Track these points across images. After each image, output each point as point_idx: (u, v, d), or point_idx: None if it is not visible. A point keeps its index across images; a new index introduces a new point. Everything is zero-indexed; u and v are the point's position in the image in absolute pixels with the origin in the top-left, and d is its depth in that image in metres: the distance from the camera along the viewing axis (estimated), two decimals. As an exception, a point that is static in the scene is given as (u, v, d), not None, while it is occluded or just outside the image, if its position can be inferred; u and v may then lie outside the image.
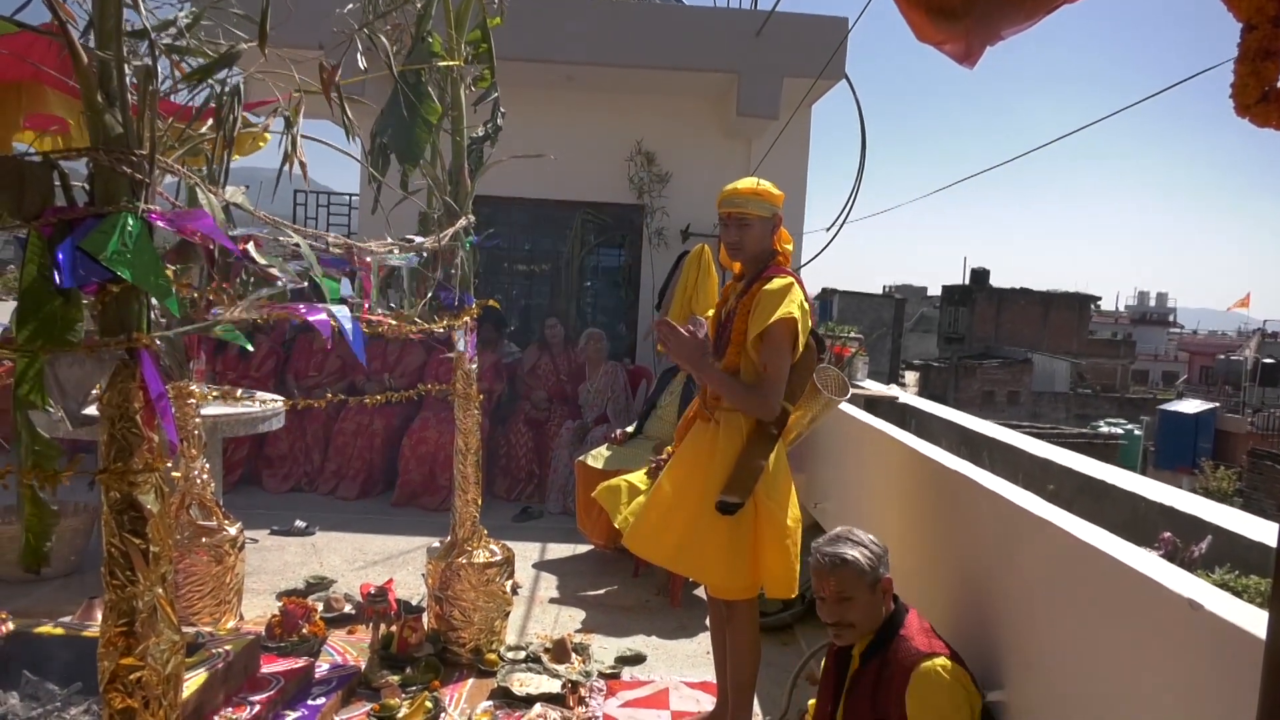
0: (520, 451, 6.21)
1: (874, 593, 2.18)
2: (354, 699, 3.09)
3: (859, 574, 2.16)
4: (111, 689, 1.39)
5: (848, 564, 2.16)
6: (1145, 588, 1.63)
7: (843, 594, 2.17)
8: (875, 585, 2.18)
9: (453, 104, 3.12)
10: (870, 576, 2.17)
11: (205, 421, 3.64)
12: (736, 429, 2.73)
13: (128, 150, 1.38)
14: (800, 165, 7.12)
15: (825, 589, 2.20)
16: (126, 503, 1.39)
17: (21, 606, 3.65)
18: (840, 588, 2.17)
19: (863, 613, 2.18)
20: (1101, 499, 2.56)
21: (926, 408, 4.44)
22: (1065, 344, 37.60)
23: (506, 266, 7.90)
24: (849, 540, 2.21)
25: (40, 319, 1.37)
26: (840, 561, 2.17)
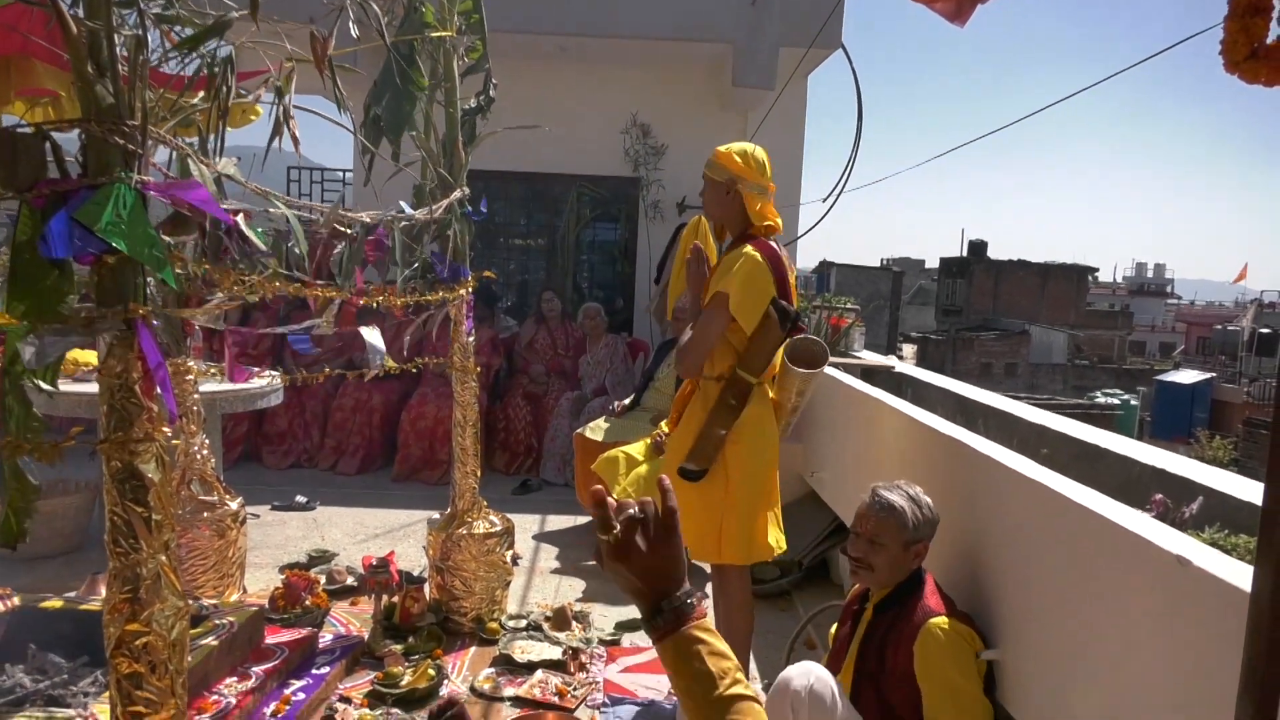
0: (519, 425, 6.23)
1: (906, 551, 2.21)
2: (358, 668, 3.13)
3: (899, 527, 2.19)
4: (118, 654, 1.41)
5: (893, 513, 2.20)
6: (1135, 546, 1.65)
7: (876, 538, 2.21)
8: (910, 545, 2.21)
9: (445, 76, 3.11)
10: (909, 535, 2.20)
11: (204, 398, 3.65)
12: (707, 399, 2.80)
13: (119, 121, 1.38)
14: (796, 136, 7.09)
15: (863, 526, 2.24)
16: (128, 472, 1.41)
17: (25, 583, 3.68)
18: (876, 531, 2.21)
19: (887, 564, 2.21)
20: (1095, 463, 2.59)
21: (923, 377, 4.46)
22: (1063, 316, 37.61)
23: (503, 241, 7.89)
24: (907, 494, 2.24)
25: (34, 292, 1.37)
26: (887, 508, 2.21)
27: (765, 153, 2.82)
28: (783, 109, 6.64)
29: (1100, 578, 1.77)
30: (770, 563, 4.15)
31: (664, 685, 3.13)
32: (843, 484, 3.87)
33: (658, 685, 3.13)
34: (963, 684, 2.07)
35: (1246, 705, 1.10)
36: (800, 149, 7.12)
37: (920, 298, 42.22)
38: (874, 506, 2.23)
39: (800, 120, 7.13)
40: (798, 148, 7.08)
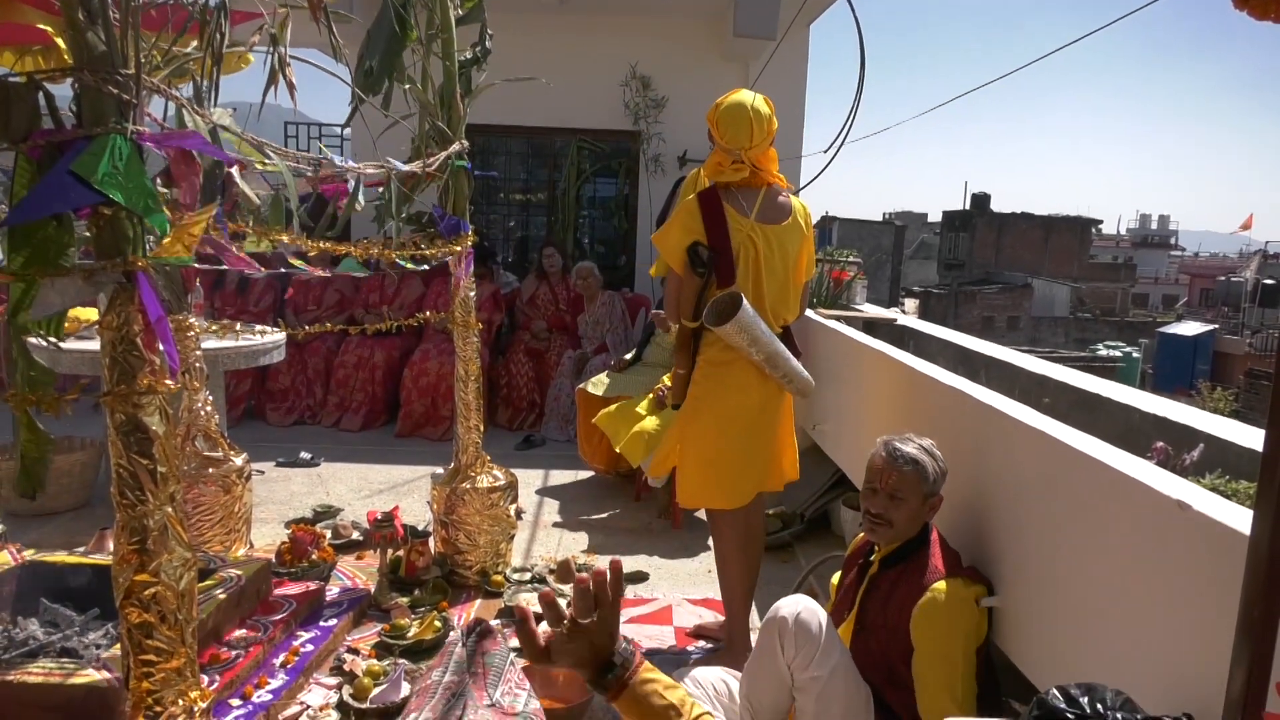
0: (521, 381, 6.24)
1: (924, 505, 2.19)
2: (365, 620, 3.17)
3: (921, 481, 2.16)
4: (127, 604, 1.43)
5: (918, 467, 2.16)
6: (1136, 491, 1.66)
7: (897, 493, 2.17)
8: (928, 499, 2.19)
9: (442, 27, 3.06)
10: (929, 488, 2.18)
11: (206, 355, 3.66)
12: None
13: (112, 70, 1.36)
14: (798, 87, 7.00)
15: (883, 482, 2.19)
16: (132, 424, 1.41)
17: (35, 538, 3.73)
18: (898, 486, 2.17)
19: (906, 518, 2.19)
20: (1096, 411, 2.59)
21: (925, 329, 4.46)
22: (1066, 268, 37.47)
23: (503, 197, 7.84)
24: (922, 447, 2.21)
25: (33, 245, 1.37)
26: (912, 463, 2.17)
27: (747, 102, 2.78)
28: (784, 59, 6.54)
29: (1101, 523, 1.79)
30: (772, 515, 4.21)
31: (668, 636, 3.18)
32: (844, 436, 3.89)
33: (661, 635, 3.18)
34: (956, 657, 2.07)
35: (1243, 647, 1.12)
36: (802, 100, 7.03)
37: (923, 252, 42.02)
38: (895, 461, 2.18)
39: (802, 71, 7.04)
40: (800, 99, 6.99)
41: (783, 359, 2.80)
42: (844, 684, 2.05)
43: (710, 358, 2.83)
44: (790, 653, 2.04)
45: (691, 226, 2.78)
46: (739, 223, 2.77)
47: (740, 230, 2.77)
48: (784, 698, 2.08)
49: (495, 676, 2.68)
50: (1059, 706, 1.34)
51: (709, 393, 2.84)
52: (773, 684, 2.09)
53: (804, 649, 2.04)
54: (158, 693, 1.45)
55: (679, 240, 2.80)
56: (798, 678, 2.04)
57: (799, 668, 2.04)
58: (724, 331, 2.69)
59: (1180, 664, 1.53)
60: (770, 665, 2.09)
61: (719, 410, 2.84)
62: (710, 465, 2.87)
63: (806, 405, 4.48)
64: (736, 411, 2.83)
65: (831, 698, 2.03)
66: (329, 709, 2.55)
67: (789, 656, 2.05)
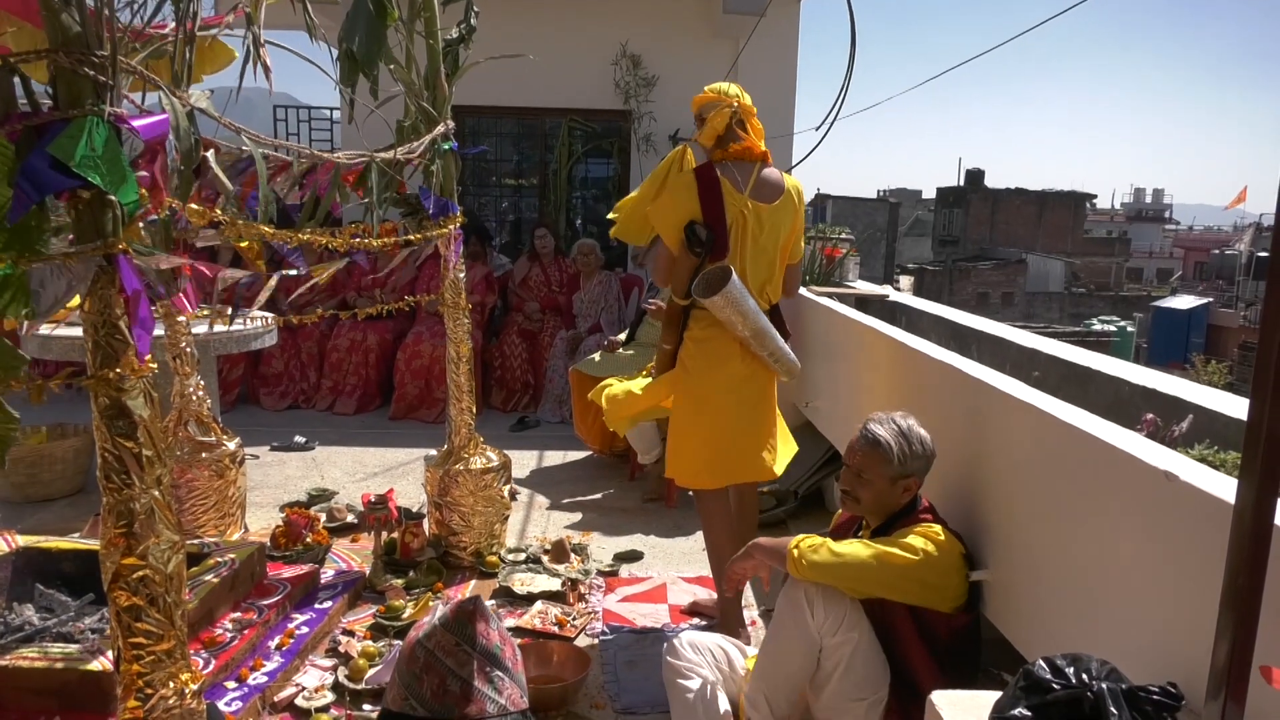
0: (515, 363, 6.24)
1: (893, 485, 2.18)
2: (360, 602, 3.18)
3: (883, 461, 2.16)
4: (116, 588, 1.43)
5: (877, 447, 2.16)
6: (1123, 463, 1.67)
7: (861, 471, 2.19)
8: (897, 480, 2.17)
9: (425, 5, 3.03)
10: (894, 470, 2.16)
11: (197, 339, 3.65)
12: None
13: (88, 51, 1.34)
14: (789, 64, 6.95)
15: (851, 459, 2.23)
16: (116, 408, 1.41)
17: (29, 525, 3.72)
18: (862, 464, 2.19)
19: (873, 497, 2.20)
20: (1085, 385, 2.60)
21: (916, 304, 4.46)
22: (1060, 244, 37.47)
23: (495, 180, 7.80)
24: (897, 429, 2.18)
25: (12, 229, 1.36)
26: (872, 441, 2.17)
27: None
28: (775, 37, 6.50)
29: (1089, 495, 1.80)
30: (766, 492, 4.22)
31: (662, 614, 3.20)
32: (837, 413, 3.89)
33: (655, 613, 3.20)
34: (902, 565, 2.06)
35: (1228, 616, 1.13)
36: (793, 77, 6.99)
37: (917, 229, 41.99)
38: (861, 439, 2.21)
39: (793, 48, 6.98)
40: (790, 76, 6.94)
41: (769, 337, 2.80)
42: (869, 646, 2.09)
43: (696, 335, 2.84)
44: (820, 617, 2.06)
45: (687, 203, 2.77)
46: (734, 198, 2.77)
47: (734, 205, 2.77)
48: (809, 664, 2.09)
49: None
50: (1045, 677, 1.35)
51: (695, 369, 2.85)
52: (801, 651, 2.09)
53: (833, 612, 2.06)
54: (148, 675, 1.46)
55: (676, 218, 2.79)
56: (827, 642, 2.06)
57: (829, 631, 2.06)
58: (712, 304, 2.69)
59: (1166, 634, 1.54)
60: (799, 632, 2.08)
61: (704, 386, 2.85)
62: (693, 440, 2.89)
63: (799, 382, 4.48)
64: (721, 388, 2.84)
65: (857, 656, 2.06)
66: (324, 690, 2.56)
67: (819, 621, 2.06)
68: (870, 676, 2.08)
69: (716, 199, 2.75)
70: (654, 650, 2.83)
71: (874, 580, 2.08)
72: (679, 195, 2.79)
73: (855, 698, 2.07)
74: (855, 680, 2.06)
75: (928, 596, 2.10)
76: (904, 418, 2.23)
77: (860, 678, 2.06)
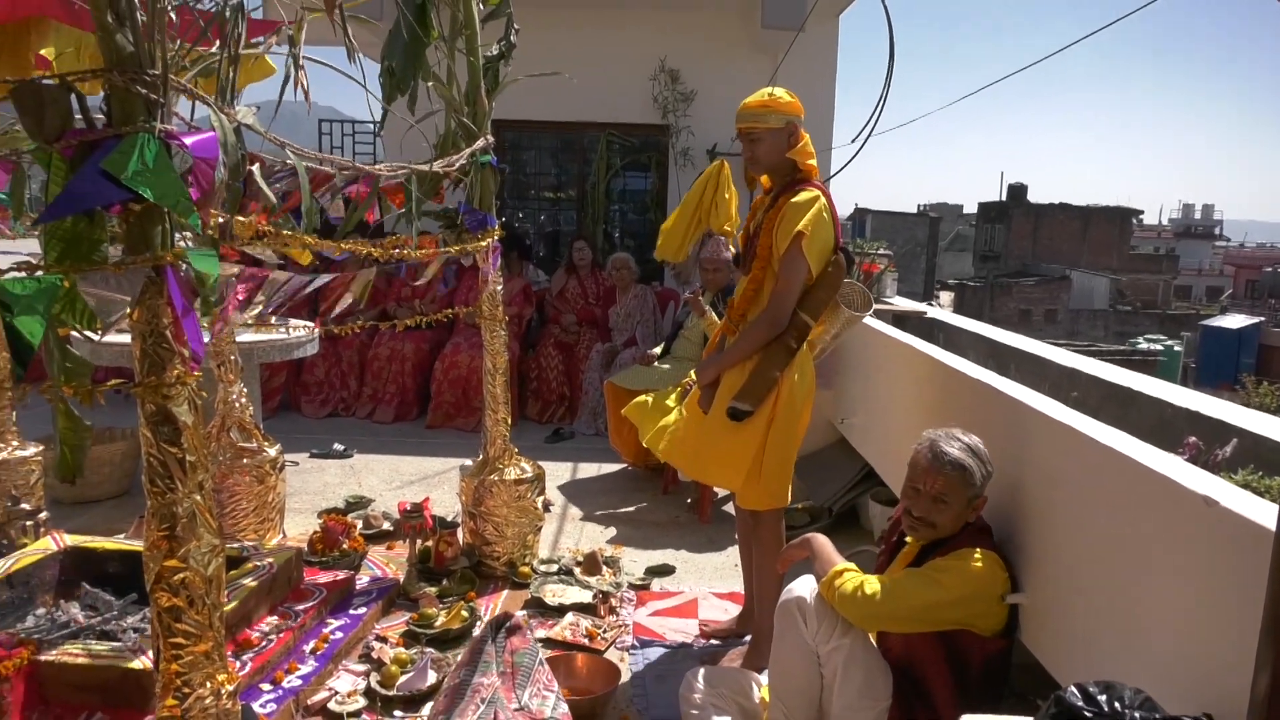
0: (551, 375, 6.28)
1: (968, 506, 2.14)
2: (394, 609, 3.22)
3: (967, 485, 2.11)
4: (158, 589, 1.47)
5: (965, 472, 2.10)
6: (1163, 487, 1.64)
7: (942, 496, 2.12)
8: (972, 500, 2.14)
9: (465, 23, 3.08)
10: (974, 491, 2.12)
11: (241, 347, 3.73)
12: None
13: (140, 70, 1.39)
14: (828, 78, 6.95)
15: (927, 484, 2.14)
16: (162, 415, 1.45)
17: (77, 525, 3.82)
18: (944, 490, 2.12)
19: (950, 520, 2.15)
20: (1127, 406, 2.56)
21: (955, 321, 4.42)
22: (1105, 260, 36.83)
23: (534, 193, 7.87)
24: (969, 448, 2.13)
25: (67, 240, 1.41)
26: (959, 467, 2.10)
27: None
28: (814, 50, 6.50)
29: (1127, 519, 1.77)
30: (799, 509, 4.20)
31: (692, 629, 3.19)
32: (873, 430, 3.87)
33: (686, 629, 3.19)
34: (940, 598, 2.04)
35: (1268, 646, 1.10)
36: (832, 91, 6.98)
37: (958, 244, 41.56)
38: (940, 464, 2.12)
39: (831, 61, 6.98)
40: (829, 90, 6.94)
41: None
42: (864, 651, 2.10)
43: (804, 358, 2.80)
44: (813, 626, 2.11)
45: (830, 228, 2.74)
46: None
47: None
48: (814, 674, 2.13)
49: (524, 677, 2.70)
50: (1076, 704, 1.33)
51: (802, 393, 2.79)
52: (801, 662, 2.13)
53: (825, 621, 2.10)
54: (186, 675, 1.49)
55: (828, 246, 2.74)
56: (822, 650, 2.10)
57: (822, 640, 2.10)
58: (850, 317, 2.79)
59: (1204, 663, 1.51)
60: (796, 643, 2.14)
61: (806, 409, 2.82)
62: (790, 464, 2.85)
63: (834, 398, 4.47)
64: (808, 410, 2.84)
65: (853, 663, 2.07)
66: (357, 695, 2.60)
67: (812, 630, 2.11)
68: (871, 682, 2.07)
69: (838, 219, 2.79)
70: (684, 665, 2.83)
71: (902, 622, 2.10)
72: (826, 223, 2.72)
73: (860, 706, 2.06)
74: (856, 687, 2.06)
75: (963, 624, 2.08)
76: (965, 434, 2.18)
77: (861, 684, 2.06)
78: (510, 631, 2.86)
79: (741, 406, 2.70)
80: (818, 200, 2.70)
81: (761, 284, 2.79)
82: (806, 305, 2.73)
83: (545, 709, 2.55)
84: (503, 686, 2.62)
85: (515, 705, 2.55)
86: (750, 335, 2.76)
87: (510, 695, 2.60)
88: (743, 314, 2.84)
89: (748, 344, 2.75)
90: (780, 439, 2.76)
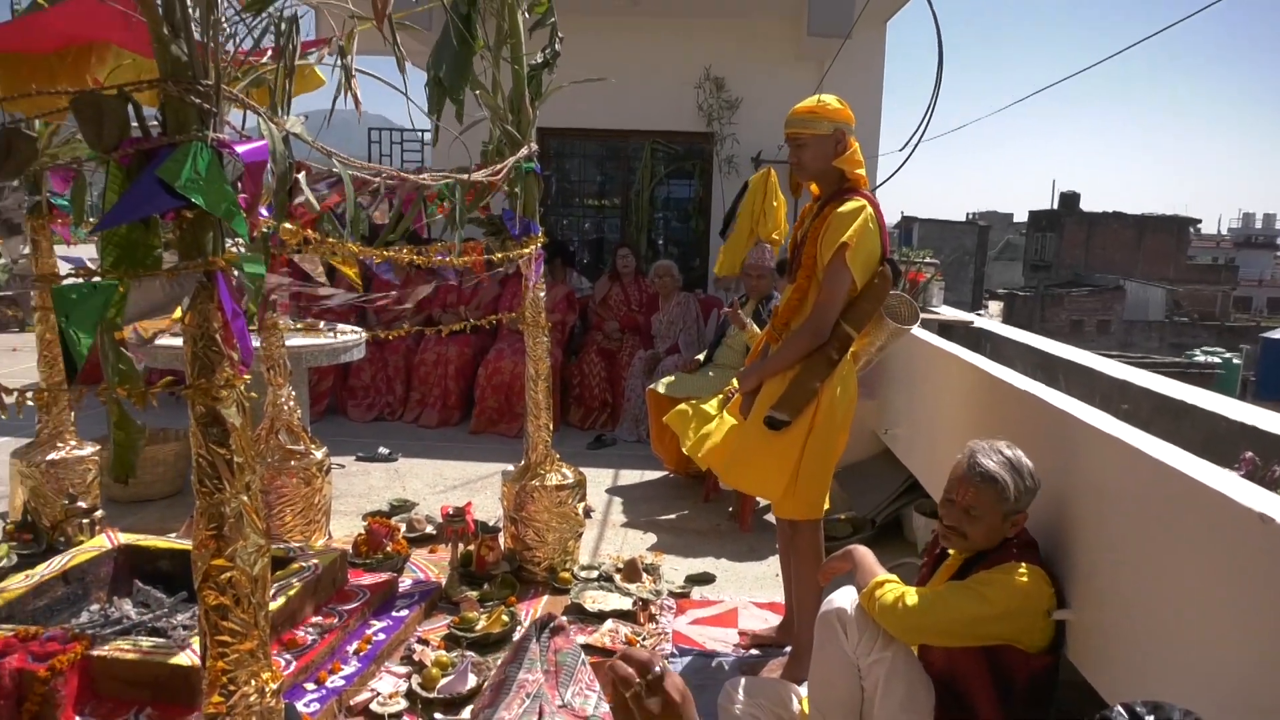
0: (594, 381, 6.30)
1: (1004, 522, 2.08)
2: (435, 612, 3.25)
3: (998, 500, 2.05)
4: (205, 587, 1.50)
5: (995, 485, 2.05)
6: (1215, 503, 1.60)
7: (972, 509, 2.08)
8: (1008, 516, 2.08)
9: (510, 32, 3.11)
10: (1008, 507, 2.06)
11: (290, 351, 3.80)
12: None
13: (194, 80, 1.43)
14: (874, 86, 6.90)
15: (959, 494, 2.10)
16: (211, 416, 1.49)
17: (131, 524, 3.93)
18: (974, 502, 2.08)
19: (982, 534, 2.10)
20: (1179, 419, 2.49)
21: (1002, 331, 4.35)
22: (1161, 270, 35.95)
23: (579, 201, 7.93)
24: (1007, 461, 2.08)
25: (123, 246, 1.45)
26: (990, 480, 2.05)
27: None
28: (860, 57, 6.46)
29: (1179, 535, 1.72)
30: (842, 519, 4.16)
31: (731, 638, 3.17)
32: (917, 441, 3.82)
33: (725, 638, 3.17)
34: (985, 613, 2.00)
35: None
36: (879, 98, 6.93)
37: (1008, 253, 40.88)
38: (973, 477, 2.08)
39: (878, 69, 6.94)
40: (876, 97, 6.89)
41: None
42: (906, 665, 2.07)
43: (846, 370, 2.78)
44: (854, 638, 2.09)
45: (877, 238, 2.72)
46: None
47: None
48: (854, 686, 2.10)
49: (566, 676, 2.72)
50: (1123, 723, 1.29)
51: (844, 403, 2.77)
52: (842, 674, 2.11)
53: (866, 633, 2.08)
54: (231, 672, 1.52)
55: (873, 258, 2.72)
56: (863, 662, 2.08)
57: (863, 652, 2.07)
58: (896, 329, 2.78)
59: (1257, 684, 1.46)
60: (836, 654, 2.12)
61: (847, 419, 2.81)
62: (829, 475, 2.84)
63: (878, 409, 4.42)
64: (849, 420, 2.83)
65: (895, 676, 2.04)
66: (398, 697, 2.63)
67: (853, 642, 2.09)
68: (913, 696, 2.04)
69: (885, 229, 2.77)
70: (722, 675, 2.81)
71: (943, 635, 2.07)
72: (872, 234, 2.69)
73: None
74: (897, 701, 2.03)
75: (1008, 639, 2.04)
76: (1009, 447, 2.12)
77: (902, 698, 2.03)
78: (554, 632, 2.89)
79: (779, 416, 2.69)
80: (864, 210, 2.67)
81: (806, 293, 2.77)
82: (850, 316, 2.71)
83: (588, 708, 2.56)
84: (546, 684, 2.65)
85: (559, 702, 2.57)
86: (792, 345, 2.74)
87: (554, 693, 2.62)
88: (786, 323, 2.83)
89: (789, 353, 2.74)
90: (818, 450, 2.74)
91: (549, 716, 2.50)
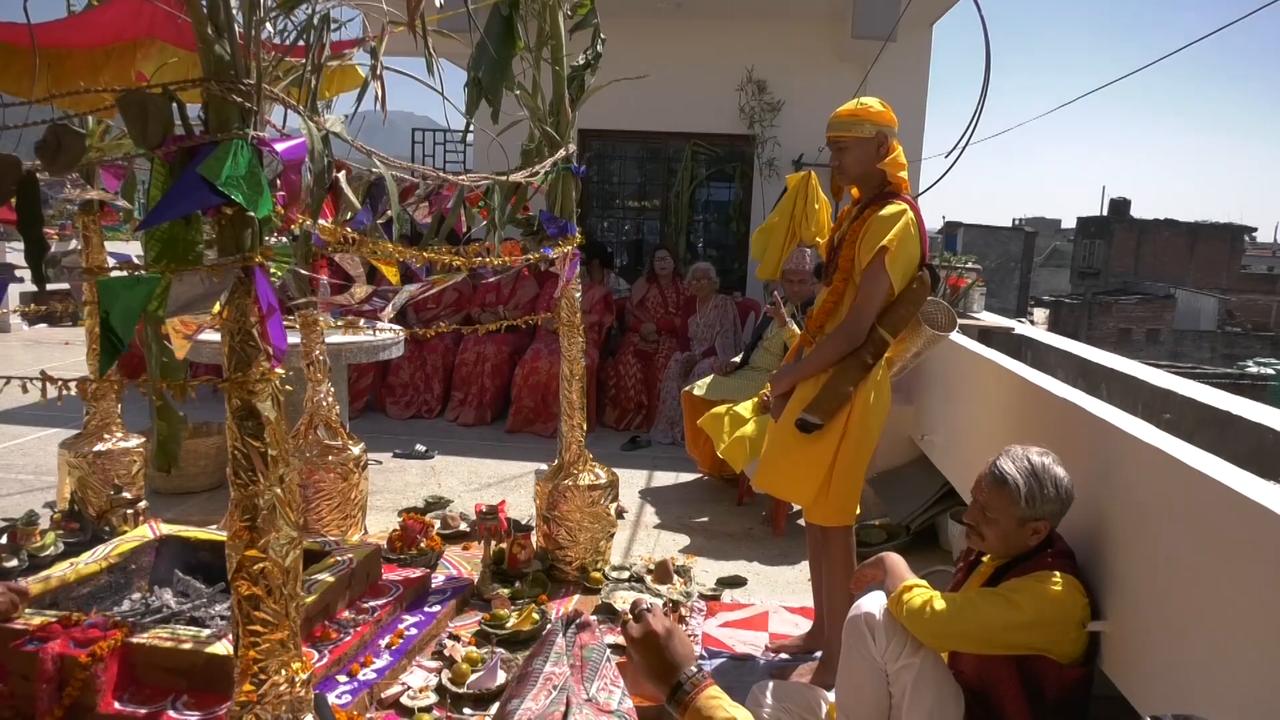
0: (629, 383, 6.31)
1: (1020, 527, 2.06)
2: (467, 609, 3.28)
3: (1010, 502, 2.04)
4: (238, 577, 1.53)
5: (1004, 486, 2.04)
6: (1258, 516, 1.56)
7: (987, 509, 2.08)
8: (1025, 522, 2.05)
9: (551, 33, 3.13)
10: (1022, 511, 2.03)
11: (330, 348, 3.86)
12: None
13: (236, 80, 1.46)
14: (919, 89, 6.82)
15: (978, 493, 2.12)
16: (247, 410, 1.52)
17: (173, 515, 4.01)
18: (988, 502, 2.08)
19: (998, 537, 2.09)
20: (1224, 430, 2.43)
21: (1043, 338, 4.27)
22: (1213, 279, 35.09)
23: (618, 202, 7.95)
24: (1029, 468, 2.05)
25: (165, 241, 1.49)
26: (999, 479, 2.05)
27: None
28: (905, 61, 6.39)
29: (1219, 548, 1.68)
30: (877, 526, 4.12)
31: (761, 642, 3.16)
32: (954, 448, 3.77)
33: (755, 641, 3.16)
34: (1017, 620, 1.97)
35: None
36: (923, 102, 6.85)
37: (1055, 259, 40.18)
38: (989, 475, 2.08)
39: (923, 72, 6.86)
40: (920, 101, 6.81)
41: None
42: (935, 672, 2.05)
43: (881, 376, 2.75)
44: (882, 644, 2.07)
45: (917, 243, 2.69)
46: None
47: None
48: (882, 692, 2.09)
49: (591, 671, 2.72)
50: (1155, 738, 1.26)
51: (877, 409, 2.74)
52: (869, 680, 2.09)
53: (894, 638, 2.06)
54: (263, 661, 1.55)
55: (913, 263, 2.69)
56: (891, 668, 2.06)
57: (891, 658, 2.06)
58: (932, 336, 2.75)
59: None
60: (864, 661, 2.10)
61: (878, 426, 2.77)
62: (859, 482, 2.81)
63: (915, 414, 4.37)
64: (883, 424, 2.80)
65: (923, 683, 2.02)
66: (428, 691, 2.65)
67: (881, 647, 2.07)
68: (942, 704, 2.02)
69: (926, 234, 2.74)
70: (751, 679, 2.80)
71: (972, 641, 2.04)
72: (912, 238, 2.66)
73: None
74: (926, 708, 2.00)
75: (1039, 649, 2.00)
76: (1041, 454, 2.09)
77: (931, 705, 2.01)
78: (580, 627, 2.89)
79: (811, 419, 2.66)
80: (905, 214, 2.64)
81: (842, 296, 2.75)
82: (886, 321, 2.68)
83: (612, 702, 2.56)
84: (572, 678, 2.65)
85: (585, 696, 2.58)
86: (826, 348, 2.72)
87: (580, 686, 2.63)
88: (820, 325, 2.81)
89: (823, 356, 2.72)
90: (851, 456, 2.71)
91: (575, 709, 2.51)
